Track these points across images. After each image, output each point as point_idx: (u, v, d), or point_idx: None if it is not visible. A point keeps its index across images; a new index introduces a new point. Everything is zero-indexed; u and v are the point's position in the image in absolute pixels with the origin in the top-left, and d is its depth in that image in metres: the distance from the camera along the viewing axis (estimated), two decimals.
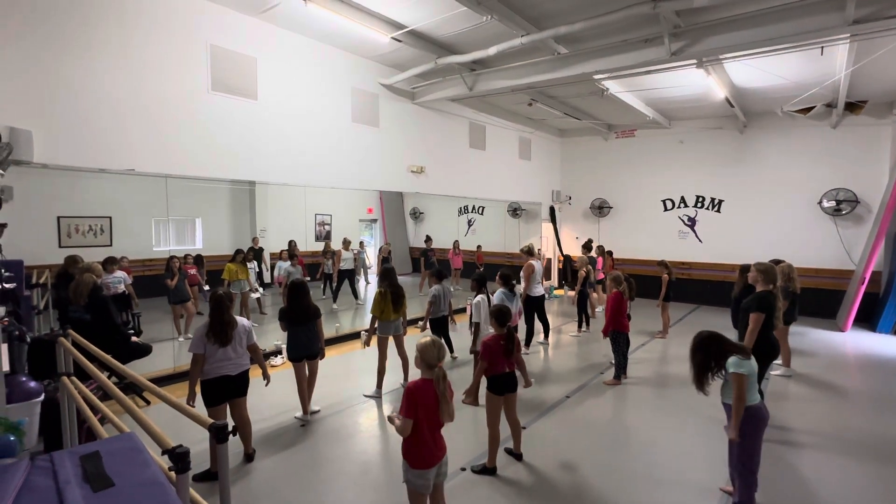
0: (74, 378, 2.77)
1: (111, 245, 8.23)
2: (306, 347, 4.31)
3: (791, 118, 8.87)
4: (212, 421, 1.57)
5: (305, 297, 4.31)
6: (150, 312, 6.90)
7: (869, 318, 8.39)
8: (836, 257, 9.06)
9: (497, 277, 5.60)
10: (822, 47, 5.65)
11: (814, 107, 8.04)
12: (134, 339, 4.02)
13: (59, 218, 7.68)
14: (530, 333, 6.76)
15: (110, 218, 8.32)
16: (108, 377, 4.28)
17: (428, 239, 10.93)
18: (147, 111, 4.92)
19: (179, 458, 1.35)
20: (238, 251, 7.60)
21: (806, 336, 7.74)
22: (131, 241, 8.47)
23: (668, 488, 3.34)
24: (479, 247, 11.51)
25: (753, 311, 3.77)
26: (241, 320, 3.59)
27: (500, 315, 3.50)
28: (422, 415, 2.39)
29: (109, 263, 5.83)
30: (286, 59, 6.20)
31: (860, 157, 8.82)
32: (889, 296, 8.06)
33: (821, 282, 9.08)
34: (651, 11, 4.71)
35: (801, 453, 3.87)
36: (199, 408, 3.40)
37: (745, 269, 4.99)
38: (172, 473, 1.39)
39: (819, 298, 8.91)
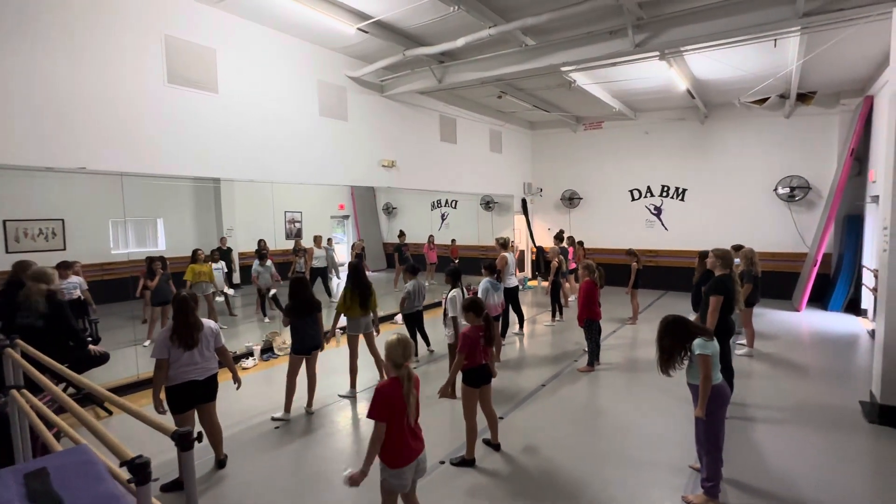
0: (25, 391, 2.59)
1: (65, 249, 7.78)
2: (312, 339, 4.38)
3: (748, 109, 9.25)
4: (175, 428, 1.49)
5: (308, 291, 4.42)
6: (108, 319, 6.56)
7: (821, 298, 8.90)
8: (791, 241, 9.56)
9: (483, 268, 5.65)
10: (776, 39, 5.89)
11: (768, 98, 8.41)
12: (91, 347, 3.80)
13: (4, 221, 7.18)
14: (505, 325, 6.82)
15: (63, 220, 7.85)
16: (66, 388, 4.05)
17: (401, 234, 10.85)
18: (97, 105, 4.64)
19: (139, 469, 1.27)
20: (195, 251, 7.29)
21: (764, 317, 8.14)
22: (87, 245, 8.02)
23: (641, 469, 3.45)
24: (453, 240, 11.52)
25: (713, 294, 3.93)
26: (208, 322, 3.46)
27: (475, 306, 3.49)
28: (394, 415, 2.34)
29: (63, 268, 5.51)
30: (248, 50, 5.97)
31: (811, 146, 9.30)
32: (839, 276, 8.57)
33: (777, 265, 9.56)
34: (614, 3, 4.79)
35: (764, 427, 4.07)
36: (168, 415, 3.27)
37: (703, 255, 5.18)
38: (134, 486, 1.32)
39: (776, 280, 9.37)
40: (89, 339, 4.71)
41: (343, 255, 11.35)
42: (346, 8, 5.58)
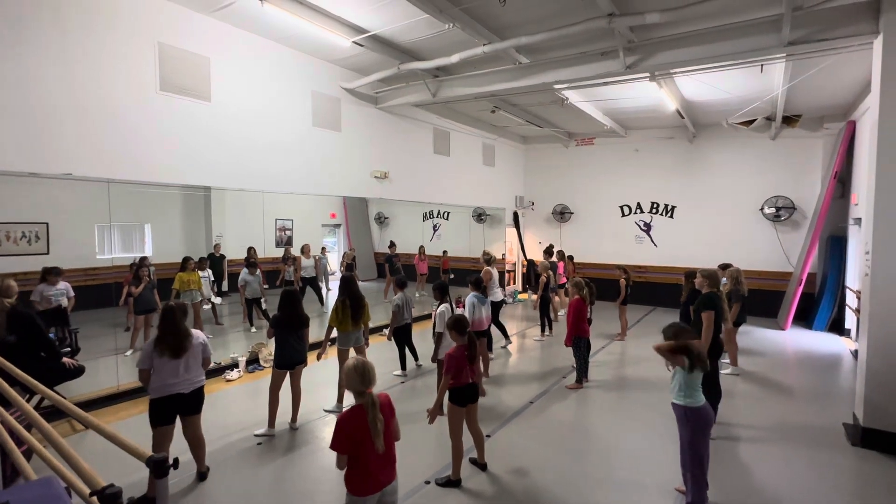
0: None
1: (48, 253, 7.61)
2: (297, 353, 4.30)
3: (735, 130, 9.44)
4: (150, 454, 1.45)
5: (298, 305, 4.34)
6: (91, 326, 6.41)
7: (806, 317, 9.02)
8: (777, 260, 9.71)
9: (469, 283, 5.67)
10: (762, 65, 6.05)
11: (755, 120, 8.60)
12: (66, 359, 3.68)
13: None
14: (491, 339, 6.80)
15: (47, 224, 7.70)
16: (40, 401, 3.94)
17: (392, 245, 10.82)
18: (86, 111, 4.59)
19: (110, 499, 1.23)
20: (186, 259, 7.20)
21: (751, 335, 8.21)
22: (71, 249, 7.86)
23: (627, 490, 3.43)
24: (444, 252, 11.51)
25: (704, 311, 3.98)
26: (197, 333, 3.40)
27: (459, 325, 3.46)
28: (358, 445, 2.22)
29: (52, 274, 5.35)
30: (242, 60, 5.97)
31: (796, 167, 9.51)
32: (823, 296, 8.70)
33: (763, 283, 9.69)
34: (607, 26, 4.88)
35: (749, 449, 4.08)
36: (144, 424, 3.18)
37: (689, 275, 5.23)
38: None
39: (762, 299, 9.49)
40: (68, 349, 4.59)
41: (334, 263, 11.27)
42: (342, 21, 5.62)
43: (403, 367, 5.97)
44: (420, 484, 3.44)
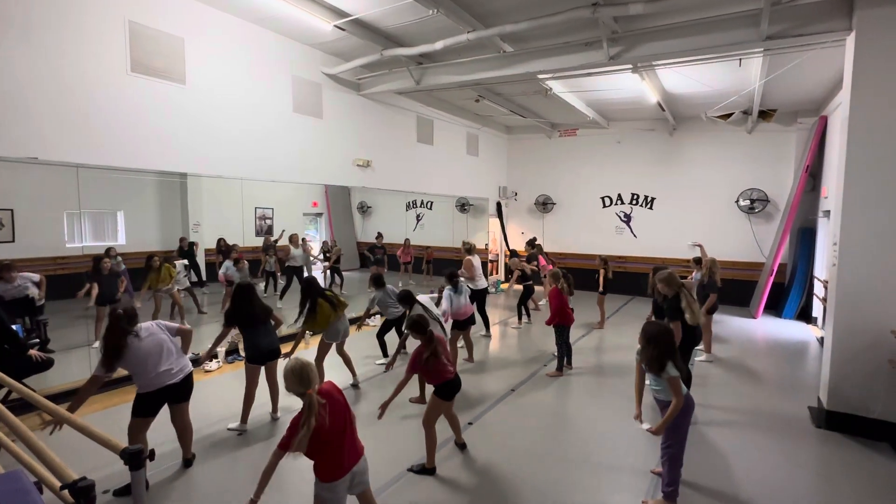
0: None
1: (13, 241, 7.30)
2: (268, 346, 4.13)
3: (713, 123, 9.61)
4: (124, 446, 1.42)
5: (252, 301, 4.07)
6: (61, 317, 6.19)
7: (776, 306, 9.35)
8: (750, 251, 10.01)
9: (444, 277, 5.72)
10: (740, 59, 6.16)
11: (732, 113, 8.77)
12: (32, 351, 3.55)
13: None
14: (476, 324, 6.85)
15: (12, 211, 7.36)
16: (8, 394, 3.81)
17: (379, 236, 10.74)
18: (53, 92, 4.37)
19: (82, 493, 1.20)
20: (150, 258, 6.93)
21: (723, 323, 8.48)
22: (38, 237, 7.56)
23: (605, 473, 3.53)
24: (428, 248, 11.52)
25: (672, 321, 4.03)
26: (147, 326, 3.23)
27: (416, 325, 3.41)
28: (314, 438, 2.24)
29: (5, 270, 4.94)
30: (219, 41, 5.76)
31: (770, 160, 9.77)
32: (792, 286, 9.03)
33: (737, 273, 9.99)
34: (591, 16, 4.88)
35: (720, 431, 4.24)
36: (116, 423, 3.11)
37: (656, 269, 5.33)
38: None
39: (735, 288, 9.80)
40: (37, 340, 4.44)
41: (316, 253, 11.12)
42: (324, 4, 5.46)
43: (385, 353, 5.98)
44: (399, 473, 3.47)
